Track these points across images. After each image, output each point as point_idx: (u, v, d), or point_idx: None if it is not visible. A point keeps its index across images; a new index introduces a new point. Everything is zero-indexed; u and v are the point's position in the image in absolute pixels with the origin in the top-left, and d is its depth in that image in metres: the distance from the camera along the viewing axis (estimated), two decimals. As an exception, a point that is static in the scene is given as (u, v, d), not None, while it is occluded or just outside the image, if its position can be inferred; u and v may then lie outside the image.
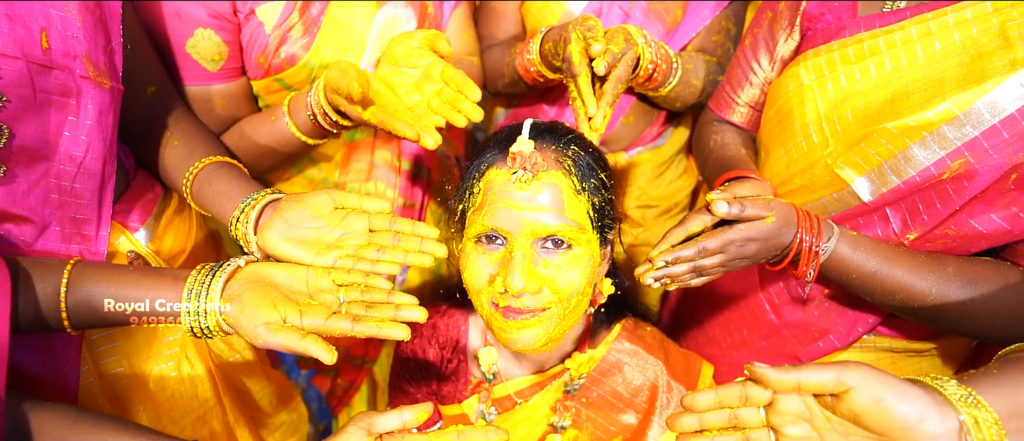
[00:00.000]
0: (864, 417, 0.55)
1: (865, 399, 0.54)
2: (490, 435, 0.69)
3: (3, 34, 0.72)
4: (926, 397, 0.55)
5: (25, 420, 0.64)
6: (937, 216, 0.80)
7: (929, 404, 0.54)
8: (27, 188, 0.78)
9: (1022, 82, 0.72)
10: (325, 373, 1.54)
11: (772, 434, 0.60)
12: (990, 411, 0.54)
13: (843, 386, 0.55)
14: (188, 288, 0.71)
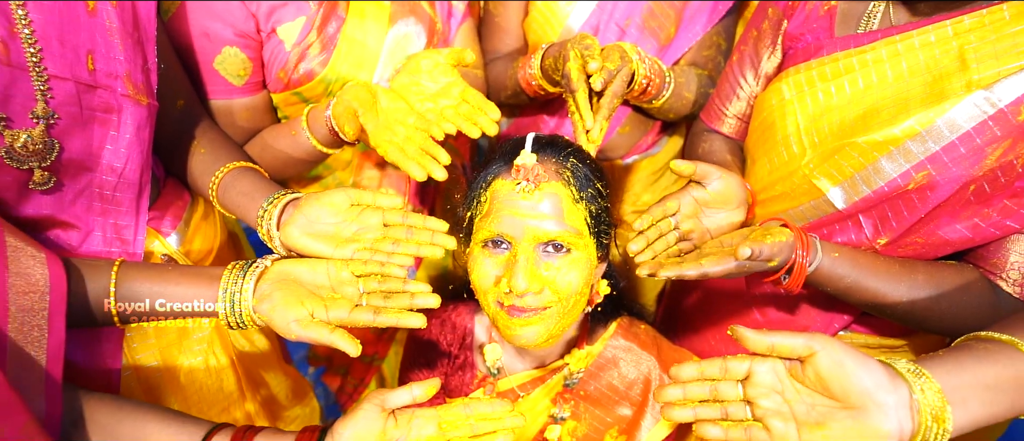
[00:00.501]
0: (827, 380, 0.63)
1: (828, 362, 0.62)
2: (495, 406, 0.77)
3: (55, 57, 0.80)
4: (881, 369, 0.63)
5: (78, 407, 0.72)
6: (904, 223, 0.88)
7: (884, 375, 0.62)
8: (73, 197, 0.86)
9: (976, 102, 0.79)
10: (335, 371, 1.63)
11: (748, 407, 0.67)
12: (933, 381, 0.62)
13: (810, 350, 0.63)
14: (223, 288, 0.79)
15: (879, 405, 0.62)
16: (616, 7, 1.26)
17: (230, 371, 1.06)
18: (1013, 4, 0.80)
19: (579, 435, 1.04)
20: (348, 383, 1.60)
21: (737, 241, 0.91)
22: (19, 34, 0.77)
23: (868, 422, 0.62)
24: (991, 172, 0.82)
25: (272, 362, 1.20)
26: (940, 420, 0.61)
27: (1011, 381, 0.64)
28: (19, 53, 0.77)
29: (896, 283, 0.89)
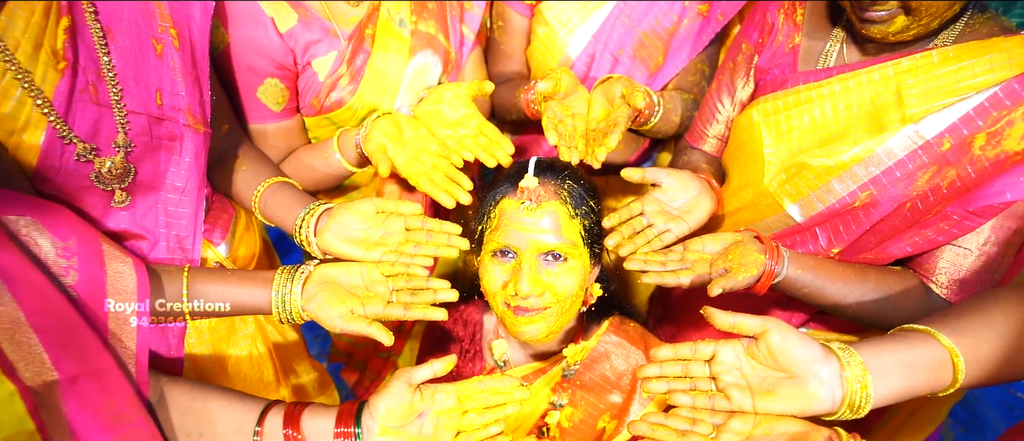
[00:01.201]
0: (776, 354, 0.78)
1: (776, 339, 0.78)
2: (506, 382, 0.92)
3: (132, 95, 0.96)
4: (818, 346, 0.78)
5: (160, 388, 0.88)
6: (853, 234, 1.04)
7: (820, 351, 0.78)
8: (144, 212, 1.02)
9: (907, 134, 0.95)
10: (354, 367, 1.78)
11: (713, 382, 0.83)
12: (858, 357, 0.77)
13: (764, 328, 0.79)
14: (275, 290, 0.95)
15: (816, 375, 0.77)
16: (610, 38, 1.42)
17: (268, 361, 1.22)
18: (941, 51, 0.96)
19: (576, 419, 1.20)
20: (366, 377, 1.75)
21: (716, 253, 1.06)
22: (105, 77, 0.93)
23: (808, 388, 0.77)
24: (923, 193, 0.97)
25: (301, 354, 1.37)
26: (863, 387, 0.76)
27: (925, 361, 0.79)
28: (105, 93, 0.93)
29: (850, 289, 1.05)
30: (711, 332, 0.96)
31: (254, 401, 0.91)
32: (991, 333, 0.81)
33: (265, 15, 1.17)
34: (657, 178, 1.10)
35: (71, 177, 0.91)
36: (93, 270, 0.81)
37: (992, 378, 0.82)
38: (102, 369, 0.75)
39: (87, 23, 0.91)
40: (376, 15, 1.27)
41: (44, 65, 0.86)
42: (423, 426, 0.89)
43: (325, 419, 0.87)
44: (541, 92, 1.17)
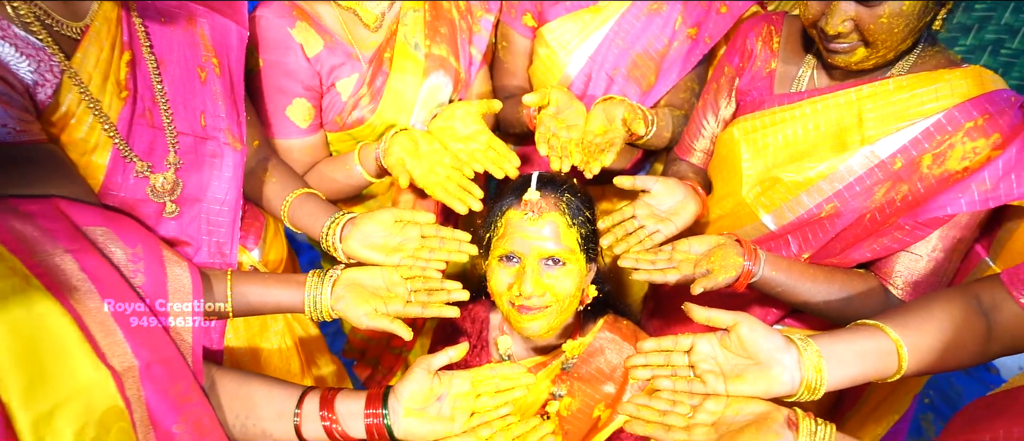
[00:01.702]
0: (745, 343, 0.91)
1: (746, 330, 0.91)
2: (514, 369, 1.06)
3: (181, 118, 1.10)
4: (780, 337, 0.92)
5: (211, 375, 1.01)
6: (820, 241, 1.18)
7: (782, 341, 0.91)
8: (189, 221, 1.15)
9: (865, 154, 1.09)
10: (367, 363, 1.92)
11: (691, 370, 0.96)
12: (814, 345, 0.90)
13: (735, 322, 0.92)
14: (308, 291, 1.08)
15: (779, 361, 0.90)
16: (606, 59, 1.56)
17: (295, 355, 1.36)
18: (896, 80, 1.10)
19: (573, 408, 1.33)
20: (378, 372, 1.89)
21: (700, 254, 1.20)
22: (159, 103, 1.07)
23: (771, 373, 0.90)
24: (880, 206, 1.11)
25: (323, 348, 1.51)
26: (818, 371, 0.89)
27: (874, 351, 0.93)
28: (159, 117, 1.07)
29: (818, 289, 1.18)
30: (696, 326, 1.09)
31: (292, 387, 1.04)
32: (932, 328, 0.95)
33: (295, 41, 1.31)
34: (646, 185, 1.24)
35: (131, 191, 1.04)
36: (156, 273, 0.94)
37: (932, 367, 0.95)
38: (169, 358, 0.88)
39: (144, 56, 1.05)
40: (394, 40, 1.41)
41: (110, 94, 0.99)
42: (441, 408, 1.03)
43: (356, 402, 1.01)
44: (528, 104, 1.31)
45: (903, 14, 1.02)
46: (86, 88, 0.96)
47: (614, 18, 1.54)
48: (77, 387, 0.74)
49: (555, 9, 1.57)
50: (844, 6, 1.04)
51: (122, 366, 0.80)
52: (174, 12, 1.11)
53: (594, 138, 1.34)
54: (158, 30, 1.08)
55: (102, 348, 0.79)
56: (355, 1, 1.38)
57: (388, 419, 1.00)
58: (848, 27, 1.06)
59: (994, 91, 1.05)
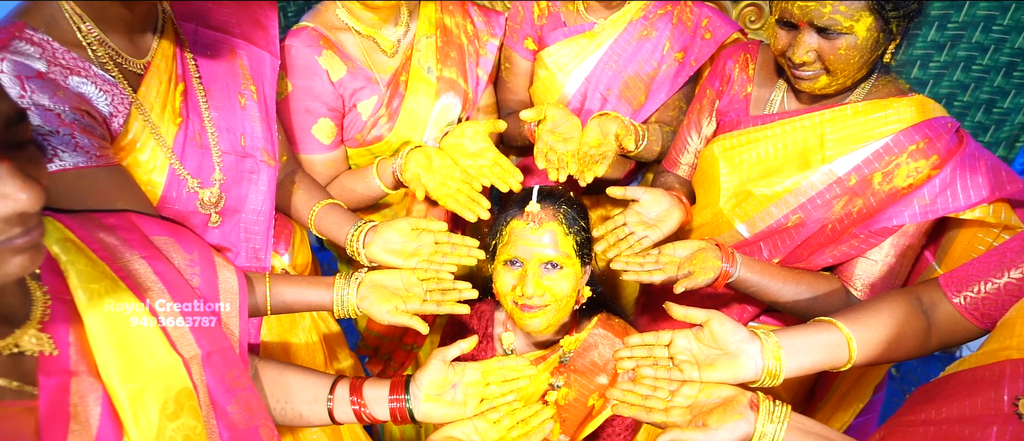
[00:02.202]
0: (716, 336, 1.06)
1: (716, 325, 1.06)
2: (520, 362, 1.21)
3: (224, 139, 1.26)
4: (746, 330, 1.06)
5: (254, 365, 1.17)
6: (788, 248, 1.34)
7: (747, 334, 1.06)
8: (230, 230, 1.32)
9: (824, 172, 1.25)
10: (380, 359, 2.08)
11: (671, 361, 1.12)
12: (774, 338, 1.06)
13: (707, 318, 1.07)
14: (336, 292, 1.24)
15: (745, 352, 1.06)
16: (600, 80, 1.72)
17: (320, 349, 1.53)
18: (853, 106, 1.26)
19: (570, 398, 1.49)
20: (390, 367, 2.05)
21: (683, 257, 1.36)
22: (206, 127, 1.23)
23: (739, 361, 1.06)
24: (839, 217, 1.27)
25: (343, 344, 1.67)
26: (778, 360, 1.04)
27: (827, 343, 1.08)
28: (206, 139, 1.23)
29: (788, 289, 1.35)
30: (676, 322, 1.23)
31: (324, 376, 1.20)
32: (879, 324, 1.11)
33: (321, 68, 1.47)
34: (636, 195, 1.40)
35: (183, 205, 1.20)
36: (209, 276, 1.10)
37: (879, 357, 1.11)
38: (224, 349, 1.04)
39: (194, 86, 1.22)
40: (409, 64, 1.57)
41: (167, 121, 1.16)
42: (455, 394, 1.19)
43: (381, 388, 1.17)
44: (526, 120, 1.48)
45: (857, 47, 1.18)
46: (149, 116, 1.12)
47: (607, 43, 1.71)
48: (158, 370, 0.90)
49: (554, 34, 1.74)
50: (808, 39, 1.20)
51: (188, 354, 0.96)
52: (218, 45, 1.27)
53: (589, 150, 1.50)
54: (205, 62, 1.24)
55: (173, 339, 0.95)
56: (374, 29, 1.54)
57: (409, 403, 1.16)
58: (811, 57, 1.22)
59: (934, 118, 1.21)
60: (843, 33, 1.17)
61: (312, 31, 1.48)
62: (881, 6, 1.15)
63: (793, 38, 1.23)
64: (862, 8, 1.14)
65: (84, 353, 0.83)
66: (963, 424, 0.95)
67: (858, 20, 1.15)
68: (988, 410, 0.92)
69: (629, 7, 1.70)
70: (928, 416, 1.02)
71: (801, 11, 1.18)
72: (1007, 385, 0.91)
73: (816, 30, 1.19)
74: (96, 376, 0.83)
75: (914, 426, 1.04)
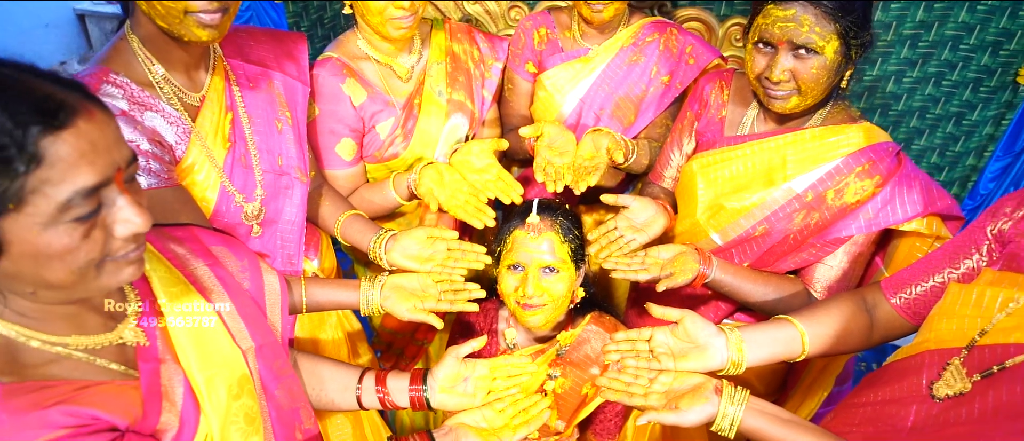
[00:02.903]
0: (689, 332, 1.25)
1: (689, 323, 1.25)
2: (523, 360, 1.41)
3: (264, 159, 1.46)
4: (714, 326, 1.26)
5: (293, 357, 1.38)
6: (755, 254, 1.54)
7: (715, 329, 1.25)
8: (268, 239, 1.52)
9: (785, 188, 1.45)
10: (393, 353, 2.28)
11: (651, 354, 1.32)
12: (738, 333, 1.25)
13: (681, 316, 1.27)
14: (362, 293, 1.45)
15: (713, 344, 1.26)
16: (594, 101, 1.92)
17: (344, 344, 1.73)
18: (811, 130, 1.46)
19: (566, 387, 1.69)
20: (401, 361, 2.25)
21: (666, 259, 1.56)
22: (250, 149, 1.43)
23: (707, 353, 1.25)
24: (799, 229, 1.48)
25: (363, 340, 1.88)
26: (740, 351, 1.24)
27: (784, 338, 1.28)
28: (249, 160, 1.44)
29: (757, 290, 1.55)
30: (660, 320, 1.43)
31: (352, 368, 1.41)
32: (828, 321, 1.31)
33: (344, 94, 1.68)
34: (626, 202, 1.60)
35: (231, 218, 1.41)
36: (257, 280, 1.31)
37: (829, 350, 1.31)
38: (272, 342, 1.24)
39: (240, 114, 1.42)
40: (422, 88, 1.78)
41: (218, 146, 1.36)
42: (466, 387, 1.39)
43: (402, 380, 1.37)
44: (525, 136, 1.68)
45: (826, 67, 1.37)
46: (205, 142, 1.33)
47: (601, 67, 1.91)
48: (224, 359, 1.10)
49: (552, 59, 1.94)
50: (784, 59, 1.38)
51: (245, 347, 1.16)
52: (258, 78, 1.48)
53: (583, 162, 1.71)
54: (248, 93, 1.45)
55: (233, 333, 1.15)
56: (390, 58, 1.75)
57: (427, 393, 1.36)
58: (787, 76, 1.40)
59: (878, 144, 1.42)
60: (816, 52, 1.35)
61: (336, 61, 1.69)
62: (846, 32, 1.34)
63: (771, 59, 1.39)
64: (832, 32, 1.33)
65: (168, 344, 1.04)
66: (892, 405, 1.16)
67: (829, 42, 1.34)
68: (910, 393, 1.12)
69: (620, 35, 1.90)
70: (866, 399, 1.23)
71: (781, 31, 1.35)
72: (925, 372, 1.11)
73: (792, 50, 1.37)
74: (178, 363, 1.04)
75: (855, 407, 1.25)
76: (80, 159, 0.76)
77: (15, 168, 0.71)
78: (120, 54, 1.23)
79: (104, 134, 0.80)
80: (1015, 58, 2.31)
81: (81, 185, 0.76)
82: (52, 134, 0.74)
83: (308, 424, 1.30)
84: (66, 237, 0.78)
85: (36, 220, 0.75)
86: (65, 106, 0.76)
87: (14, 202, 0.73)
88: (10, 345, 0.86)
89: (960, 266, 1.17)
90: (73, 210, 0.77)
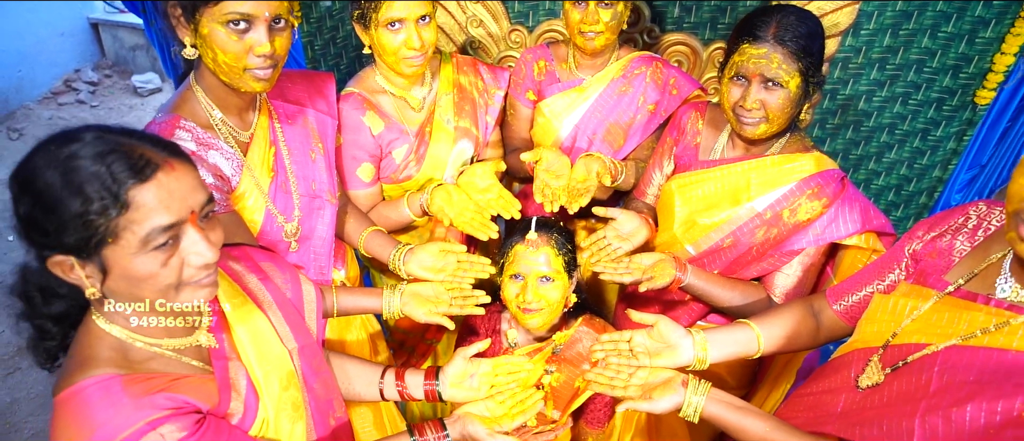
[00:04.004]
0: (662, 333, 1.50)
1: (663, 326, 1.50)
2: (522, 359, 1.66)
3: (300, 185, 1.72)
4: (683, 330, 1.51)
5: (326, 355, 1.63)
6: (723, 263, 1.80)
7: (683, 331, 1.50)
8: (303, 253, 1.78)
9: (748, 207, 1.71)
10: (404, 351, 2.54)
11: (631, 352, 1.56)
12: (703, 335, 1.50)
13: (656, 321, 1.52)
14: (384, 300, 1.70)
15: (681, 344, 1.50)
16: (587, 127, 2.17)
17: (367, 343, 2.00)
18: (771, 157, 1.72)
19: (561, 381, 1.93)
20: (412, 358, 2.51)
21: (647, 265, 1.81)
22: (289, 177, 1.69)
23: (677, 351, 1.50)
24: (760, 242, 1.73)
25: (381, 339, 2.14)
26: (704, 350, 1.49)
27: (743, 339, 1.53)
28: (289, 186, 1.69)
29: (725, 294, 1.80)
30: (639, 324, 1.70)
31: (375, 365, 1.67)
32: (781, 324, 1.56)
33: (365, 125, 1.93)
34: (614, 214, 1.86)
35: (274, 236, 1.67)
36: (297, 291, 1.56)
37: (782, 349, 1.57)
38: (310, 344, 1.50)
39: (281, 148, 1.68)
40: (432, 118, 2.03)
41: (264, 175, 1.62)
42: (473, 382, 1.64)
43: (418, 376, 1.63)
44: (525, 160, 1.93)
45: (790, 99, 1.62)
46: (254, 173, 1.58)
47: (594, 97, 2.16)
48: (275, 358, 1.36)
49: (550, 88, 2.20)
50: (755, 91, 1.63)
51: (290, 347, 1.42)
52: (296, 115, 1.74)
53: (577, 184, 1.96)
54: (287, 129, 1.70)
55: (281, 336, 1.40)
56: (404, 91, 2.00)
57: (439, 388, 1.62)
58: (757, 105, 1.65)
59: (826, 170, 1.67)
60: (782, 86, 1.60)
61: (358, 96, 1.94)
62: (806, 71, 1.59)
63: (745, 90, 1.64)
64: (795, 70, 1.59)
65: (233, 346, 1.29)
66: (827, 394, 1.41)
67: (792, 77, 1.59)
68: (841, 384, 1.37)
69: (611, 67, 2.16)
70: (810, 390, 1.48)
71: (755, 66, 1.60)
72: (853, 367, 1.36)
73: (763, 83, 1.61)
74: (240, 361, 1.29)
75: (801, 397, 1.50)
76: (158, 204, 1.01)
77: (110, 213, 0.97)
78: (187, 102, 1.49)
79: (181, 184, 1.05)
80: (973, 80, 2.55)
81: (157, 224, 1.01)
82: (138, 186, 0.99)
83: (340, 412, 1.56)
84: (150, 264, 1.03)
85: (127, 250, 1.01)
86: (151, 163, 1.01)
87: (111, 237, 0.99)
88: (122, 345, 1.12)
89: (885, 279, 1.43)
90: (152, 242, 1.01)
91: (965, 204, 1.34)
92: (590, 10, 1.95)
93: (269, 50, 1.39)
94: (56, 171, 0.97)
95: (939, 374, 1.15)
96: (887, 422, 1.19)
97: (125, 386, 1.05)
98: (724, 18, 2.55)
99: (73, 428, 1.03)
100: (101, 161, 0.97)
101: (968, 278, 1.22)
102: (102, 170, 0.97)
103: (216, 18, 1.34)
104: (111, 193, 0.97)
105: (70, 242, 0.99)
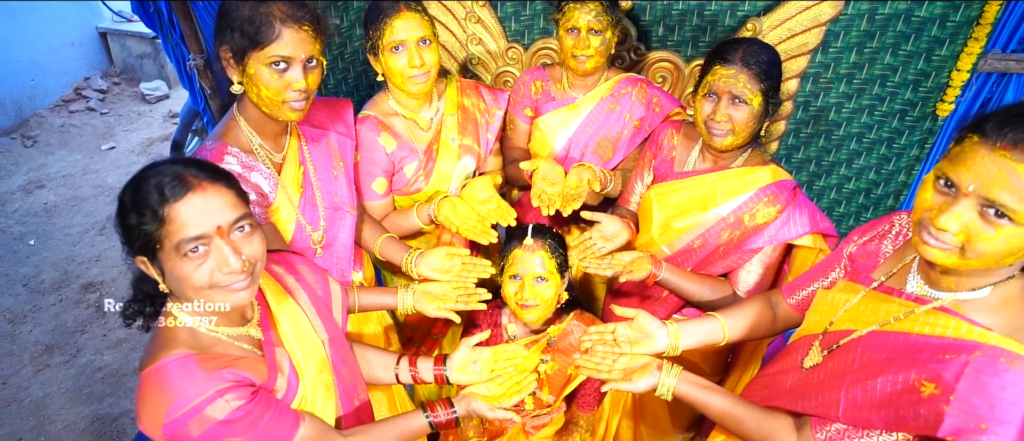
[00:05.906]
0: (641, 325, 1.78)
1: (642, 319, 1.78)
2: (519, 348, 1.94)
3: (325, 198, 1.99)
4: (659, 322, 1.78)
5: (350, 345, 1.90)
6: (695, 261, 2.08)
7: (659, 323, 1.78)
8: (327, 258, 2.05)
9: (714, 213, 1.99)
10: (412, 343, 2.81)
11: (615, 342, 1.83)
12: (676, 326, 1.78)
13: (636, 314, 1.79)
14: (399, 298, 1.98)
15: (657, 334, 1.77)
16: (579, 140, 2.46)
17: (382, 336, 2.27)
18: (735, 169, 2.00)
19: (555, 369, 2.20)
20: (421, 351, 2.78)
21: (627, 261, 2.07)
22: (315, 191, 1.96)
23: (653, 340, 1.77)
24: (726, 242, 2.01)
25: (394, 331, 2.42)
26: (677, 339, 1.77)
27: (710, 329, 1.81)
28: (315, 200, 1.97)
29: (696, 288, 2.08)
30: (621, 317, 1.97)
31: (390, 353, 1.94)
32: (743, 316, 1.84)
33: (379, 144, 2.21)
34: (600, 218, 2.14)
35: (303, 243, 1.94)
36: (326, 289, 1.83)
37: (745, 337, 1.84)
38: (338, 334, 1.77)
39: (308, 167, 1.95)
40: (439, 136, 2.31)
41: (294, 191, 1.89)
42: (475, 368, 1.91)
43: (428, 362, 1.90)
44: (523, 169, 2.20)
45: (753, 115, 1.90)
46: (287, 190, 1.85)
47: (585, 114, 2.44)
48: (311, 345, 1.63)
49: (546, 106, 2.48)
50: (724, 106, 1.90)
51: (322, 337, 1.69)
52: (320, 137, 2.01)
53: (570, 191, 2.24)
54: (313, 149, 1.98)
55: (314, 327, 1.67)
56: (414, 113, 2.28)
57: (446, 372, 1.89)
58: (726, 118, 1.93)
59: (780, 181, 1.96)
60: (747, 103, 1.88)
61: (373, 119, 2.22)
62: (767, 92, 1.87)
63: (715, 105, 1.92)
64: (758, 90, 1.87)
65: (277, 335, 1.56)
66: (780, 375, 1.67)
67: (756, 96, 1.87)
68: (791, 366, 1.64)
69: (601, 88, 2.43)
70: (767, 372, 1.75)
71: (725, 84, 1.88)
72: (800, 351, 1.62)
73: (731, 100, 1.89)
74: (284, 347, 1.56)
75: (760, 377, 1.77)
76: (187, 219, 1.28)
77: (153, 224, 1.25)
78: (231, 130, 1.76)
79: (209, 203, 1.31)
80: (932, 93, 2.81)
81: (187, 235, 1.28)
82: (172, 204, 1.26)
83: (362, 394, 1.83)
84: (186, 267, 1.30)
85: (169, 255, 1.29)
86: (186, 184, 1.28)
87: (158, 245, 1.28)
88: (193, 332, 1.40)
89: (828, 277, 1.70)
90: (183, 249, 1.28)
91: (891, 214, 1.60)
92: (582, 37, 2.22)
93: (304, 85, 1.66)
94: (130, 191, 1.28)
95: (861, 354, 1.42)
96: (822, 395, 1.45)
97: (198, 363, 1.32)
98: (704, 37, 2.82)
99: (157, 396, 1.30)
100: (153, 184, 1.26)
101: (888, 275, 1.49)
102: (152, 191, 1.25)
103: (261, 60, 1.61)
104: (152, 210, 1.25)
105: (137, 246, 1.29)
